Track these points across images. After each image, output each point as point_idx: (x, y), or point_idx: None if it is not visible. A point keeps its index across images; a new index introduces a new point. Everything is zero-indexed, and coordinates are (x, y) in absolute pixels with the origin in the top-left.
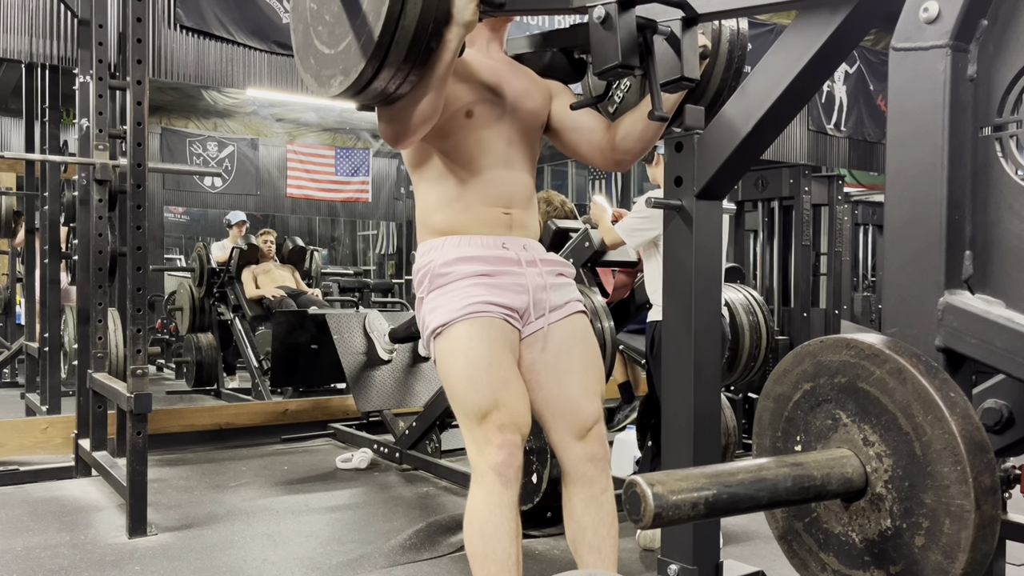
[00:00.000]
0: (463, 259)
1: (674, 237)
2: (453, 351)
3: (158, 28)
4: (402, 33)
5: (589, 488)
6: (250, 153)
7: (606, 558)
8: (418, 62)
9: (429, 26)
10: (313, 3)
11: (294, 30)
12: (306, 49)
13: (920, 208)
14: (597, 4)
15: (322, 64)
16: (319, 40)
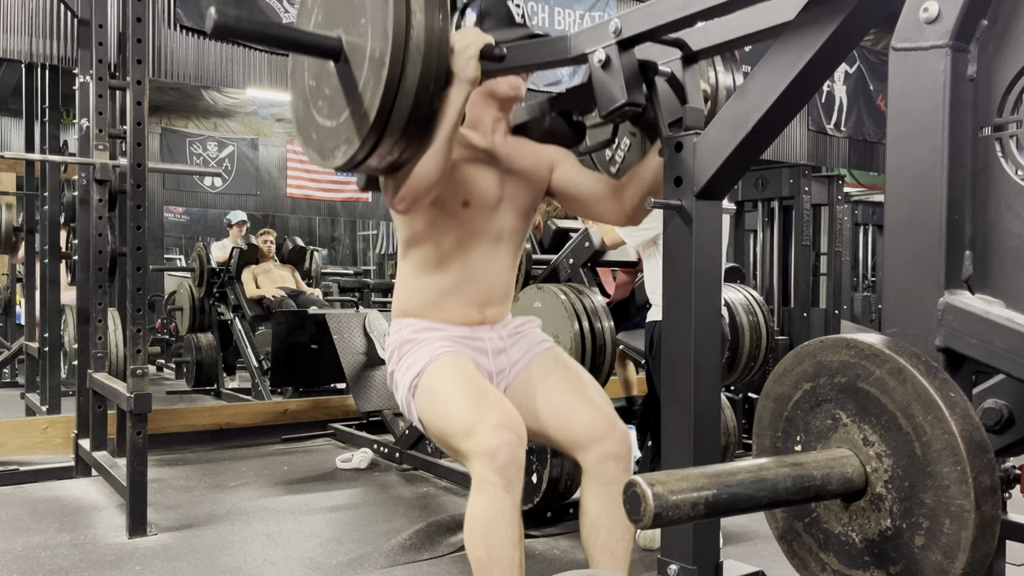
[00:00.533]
0: (430, 328)
1: (674, 237)
2: (430, 391)
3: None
4: (402, 98)
5: (609, 488)
6: (250, 153)
7: (618, 560)
8: (421, 127)
9: (430, 87)
10: (311, 80)
11: (294, 108)
12: (308, 125)
13: (920, 208)
14: (597, 48)
15: (324, 137)
16: (320, 115)
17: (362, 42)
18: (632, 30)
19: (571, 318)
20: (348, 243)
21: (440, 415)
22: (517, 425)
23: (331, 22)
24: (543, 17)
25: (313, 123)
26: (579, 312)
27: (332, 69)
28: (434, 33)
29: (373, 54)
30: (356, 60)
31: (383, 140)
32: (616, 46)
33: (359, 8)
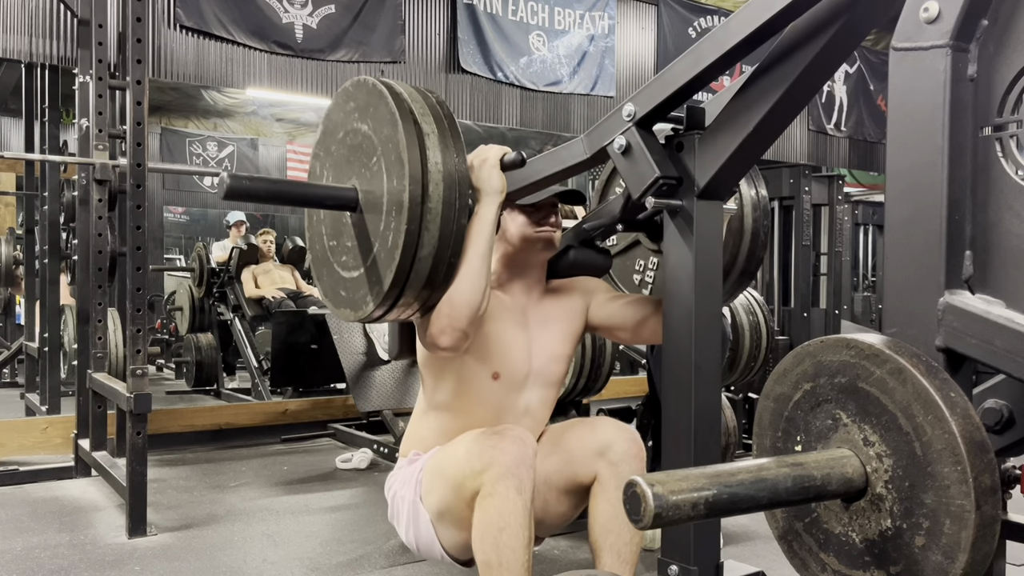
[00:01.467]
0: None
1: (675, 237)
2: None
3: (158, 28)
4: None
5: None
6: (250, 153)
7: (625, 564)
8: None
9: (455, 204)
10: (331, 241)
11: (317, 277)
12: (335, 286)
13: (920, 208)
14: (614, 137)
15: (352, 289)
16: (344, 269)
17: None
18: (646, 107)
19: None
20: None
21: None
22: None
23: (342, 178)
24: (543, 17)
25: (340, 281)
26: None
27: (350, 221)
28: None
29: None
30: (373, 208)
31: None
32: (634, 128)
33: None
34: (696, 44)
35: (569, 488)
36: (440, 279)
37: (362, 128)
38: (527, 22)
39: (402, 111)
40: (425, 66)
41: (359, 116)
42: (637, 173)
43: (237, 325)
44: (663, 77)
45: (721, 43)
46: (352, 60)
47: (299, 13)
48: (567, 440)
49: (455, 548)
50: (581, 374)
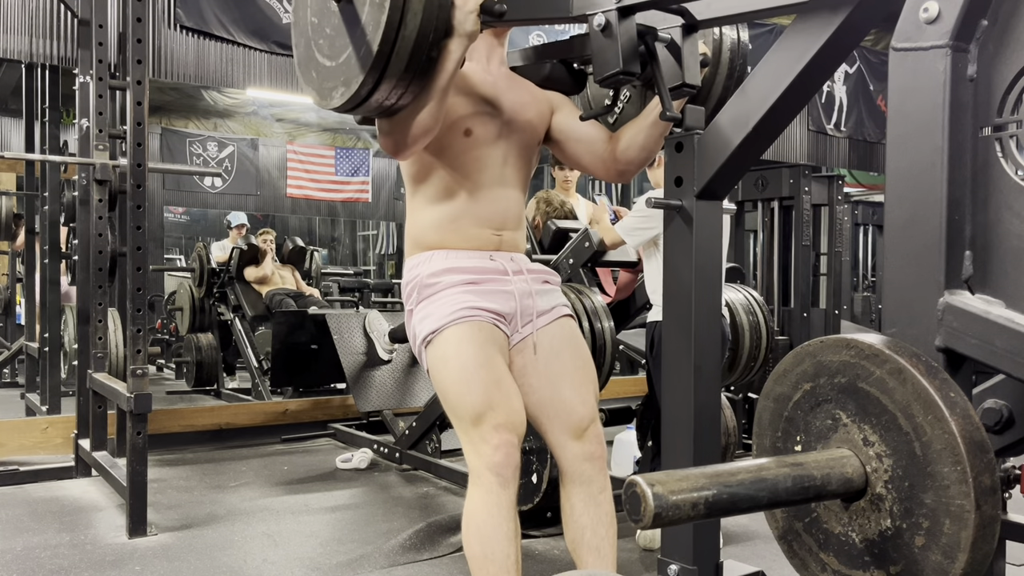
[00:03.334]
0: (450, 270)
1: (674, 237)
2: (444, 356)
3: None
4: (402, 44)
5: (587, 487)
6: (250, 153)
7: (605, 557)
8: (419, 73)
9: (430, 36)
10: (314, 17)
11: (296, 44)
12: (308, 63)
13: (920, 208)
14: (597, 12)
15: (324, 77)
16: (320, 53)
17: None
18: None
19: None
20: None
21: (450, 389)
22: (519, 425)
23: None
24: None
25: (313, 61)
26: (579, 312)
27: (334, 8)
28: None
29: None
30: (358, 0)
31: (381, 84)
32: (616, 12)
33: None
34: None
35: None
36: (414, 77)
37: None
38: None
39: None
40: None
41: None
42: (604, 58)
43: (237, 325)
44: None
45: None
46: None
47: None
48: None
49: None
50: None
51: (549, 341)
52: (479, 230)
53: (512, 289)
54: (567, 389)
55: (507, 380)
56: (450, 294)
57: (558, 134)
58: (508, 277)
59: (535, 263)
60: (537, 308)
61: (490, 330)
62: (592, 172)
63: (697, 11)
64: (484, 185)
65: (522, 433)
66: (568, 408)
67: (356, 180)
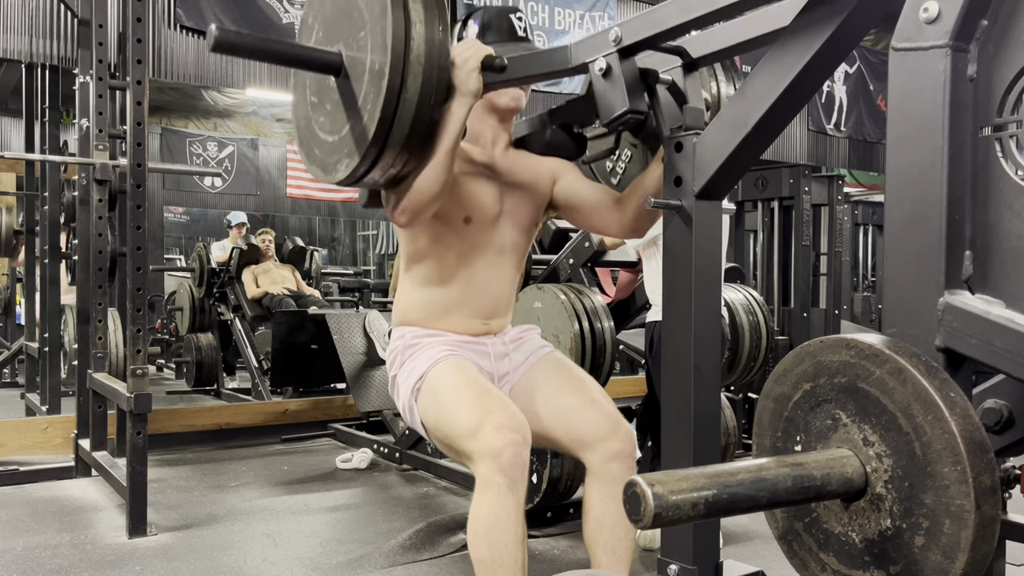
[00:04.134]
0: (432, 335)
1: (674, 237)
2: (433, 392)
3: (158, 28)
4: (404, 109)
5: (613, 486)
6: (250, 153)
7: (620, 559)
8: (422, 138)
9: (431, 99)
10: (313, 96)
11: (296, 126)
12: (310, 141)
13: (920, 208)
14: (597, 57)
15: (326, 152)
16: (321, 130)
17: (362, 56)
18: (632, 38)
19: (571, 318)
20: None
21: (444, 416)
22: (521, 426)
23: (331, 38)
24: (543, 17)
25: (315, 139)
26: (579, 312)
27: (333, 84)
28: (434, 45)
29: (373, 67)
30: (356, 74)
31: (384, 153)
32: (616, 54)
33: (358, 21)
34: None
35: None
36: (417, 144)
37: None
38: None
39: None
40: None
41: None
42: (609, 101)
43: (237, 325)
44: (653, 14)
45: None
46: None
47: (299, 13)
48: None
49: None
50: None
51: (536, 376)
52: (469, 321)
53: (488, 351)
54: (569, 398)
55: (496, 391)
56: (431, 346)
57: (564, 202)
58: (485, 345)
59: (512, 330)
60: (512, 364)
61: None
62: (606, 232)
63: (694, 49)
64: (478, 273)
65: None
66: (579, 414)
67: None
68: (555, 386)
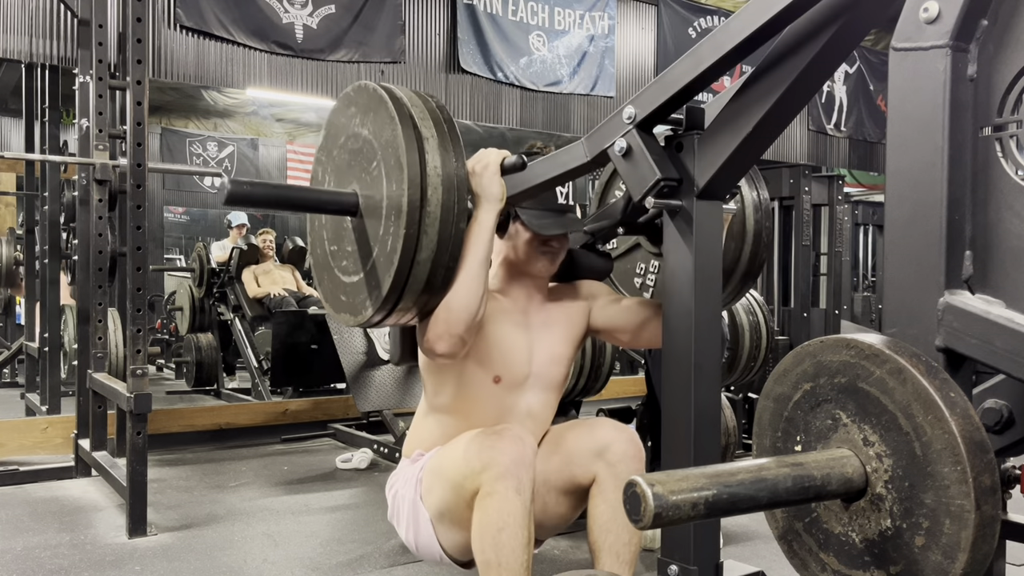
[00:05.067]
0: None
1: (674, 237)
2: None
3: (158, 28)
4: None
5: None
6: (250, 153)
7: (624, 564)
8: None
9: (454, 208)
10: (332, 245)
11: (318, 281)
12: (335, 291)
13: (920, 208)
14: (614, 140)
15: (352, 294)
16: (344, 274)
17: (377, 192)
18: (646, 109)
19: None
20: None
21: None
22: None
23: (343, 184)
24: (543, 17)
25: (340, 285)
26: None
27: (350, 225)
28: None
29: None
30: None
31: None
32: (635, 131)
33: (368, 156)
34: (696, 46)
35: (568, 489)
36: (439, 283)
37: (363, 133)
38: (527, 22)
39: (402, 116)
40: (425, 66)
41: (360, 120)
42: (638, 175)
43: (237, 325)
44: (663, 79)
45: (721, 45)
46: (352, 60)
47: (299, 13)
48: (566, 441)
49: (455, 549)
50: (581, 374)
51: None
52: None
53: None
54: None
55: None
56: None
57: (605, 327)
58: None
59: None
60: None
61: None
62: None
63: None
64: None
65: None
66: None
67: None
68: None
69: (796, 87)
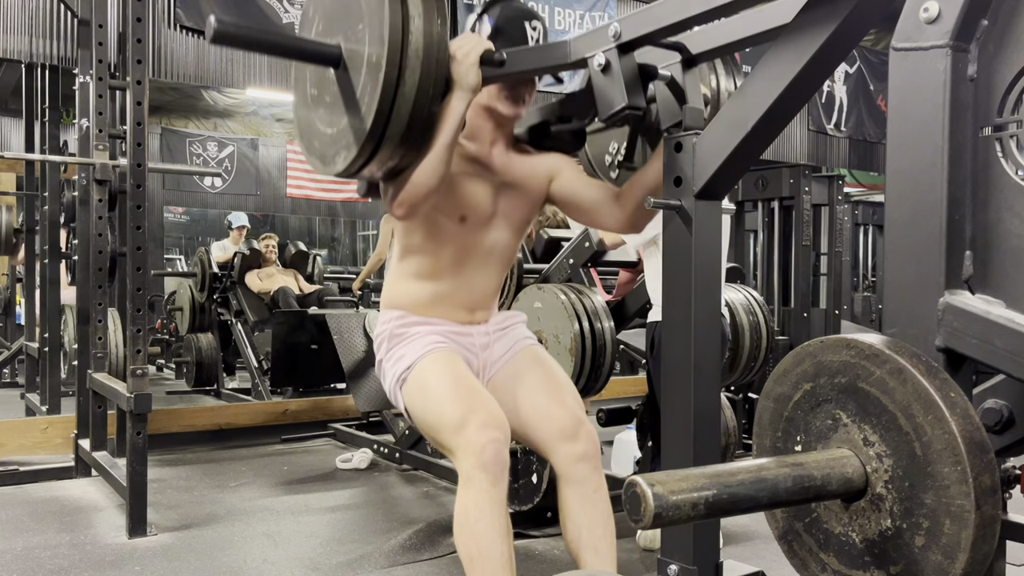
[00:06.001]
0: (420, 323)
1: (674, 237)
2: (420, 383)
3: (158, 28)
4: (401, 102)
5: (582, 487)
6: (250, 153)
7: (603, 556)
8: (421, 132)
9: (429, 92)
10: (313, 88)
11: (296, 116)
12: (310, 133)
13: (920, 208)
14: (596, 52)
15: (325, 144)
16: (321, 123)
17: (360, 48)
18: (632, 34)
19: (571, 318)
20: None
21: (431, 410)
22: (503, 424)
23: (331, 30)
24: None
25: (315, 131)
26: (579, 312)
27: (332, 77)
28: (432, 38)
29: (371, 60)
30: (354, 67)
31: (382, 146)
32: (616, 50)
33: (357, 14)
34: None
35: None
36: (415, 137)
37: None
38: None
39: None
40: None
41: None
42: (608, 97)
43: (238, 328)
44: (652, 10)
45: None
46: None
47: (300, 13)
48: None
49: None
50: (581, 374)
51: (513, 369)
52: (454, 311)
53: (474, 342)
54: (540, 397)
55: (481, 389)
56: (420, 334)
57: (562, 197)
58: (471, 332)
59: (500, 313)
60: (494, 356)
61: (461, 358)
62: (604, 228)
63: (694, 45)
64: (468, 270)
65: (507, 432)
66: (546, 413)
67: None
68: (530, 383)
69: (796, 87)
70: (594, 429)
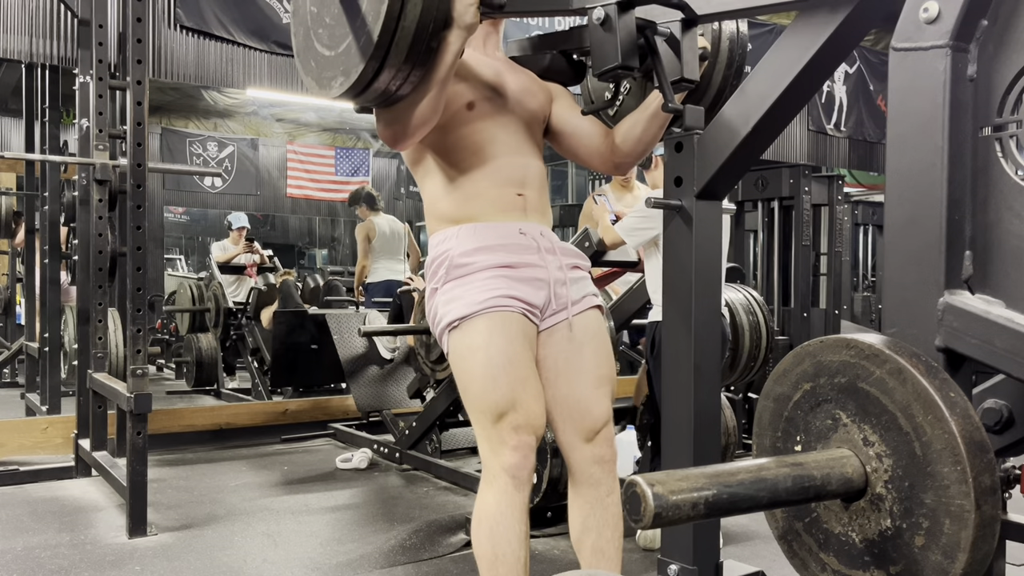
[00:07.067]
0: (482, 248)
1: (674, 237)
2: (472, 345)
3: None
4: (402, 34)
5: (595, 490)
6: (250, 153)
7: (609, 560)
8: (419, 63)
9: (429, 26)
10: (313, 6)
11: (295, 34)
12: (307, 52)
13: (920, 208)
14: (597, 5)
15: (323, 66)
16: (319, 43)
17: None
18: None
19: None
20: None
21: (474, 379)
22: (539, 427)
23: None
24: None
25: (313, 51)
26: None
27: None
28: None
29: None
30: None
31: (380, 73)
32: (616, 6)
33: None
34: None
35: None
36: (412, 68)
37: None
38: (527, 22)
39: None
40: None
41: None
42: (603, 51)
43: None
44: None
45: None
46: None
47: None
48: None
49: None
50: None
51: (574, 334)
52: (499, 189)
53: (546, 277)
54: (585, 388)
55: (533, 379)
56: (483, 278)
57: (555, 125)
58: (542, 260)
59: (566, 244)
60: (570, 298)
61: (521, 322)
62: (589, 165)
63: (697, 6)
64: (496, 153)
65: (540, 436)
66: (584, 409)
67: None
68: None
69: (796, 87)
70: (613, 431)
